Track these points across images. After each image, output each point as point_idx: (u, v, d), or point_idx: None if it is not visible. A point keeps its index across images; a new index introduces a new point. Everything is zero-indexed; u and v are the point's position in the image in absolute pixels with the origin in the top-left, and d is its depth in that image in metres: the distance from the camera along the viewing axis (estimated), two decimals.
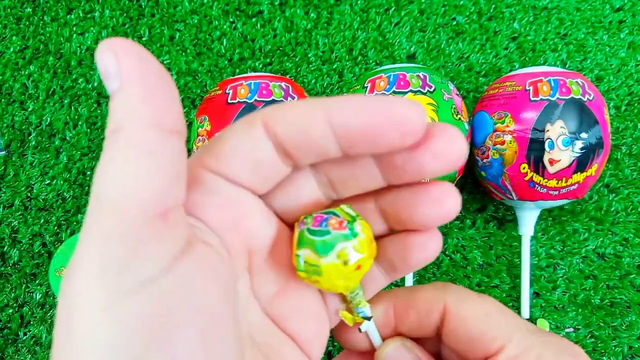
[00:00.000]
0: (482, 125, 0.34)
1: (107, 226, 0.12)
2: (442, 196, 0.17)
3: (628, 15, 0.43)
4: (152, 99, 0.13)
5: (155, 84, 0.13)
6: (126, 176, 0.12)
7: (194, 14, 0.43)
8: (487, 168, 0.34)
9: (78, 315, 0.12)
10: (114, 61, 0.13)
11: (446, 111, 0.32)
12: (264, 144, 0.16)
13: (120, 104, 0.13)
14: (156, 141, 0.13)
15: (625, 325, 0.37)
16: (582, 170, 0.32)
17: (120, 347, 0.12)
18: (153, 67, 0.13)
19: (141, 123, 0.13)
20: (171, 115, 0.13)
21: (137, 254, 0.12)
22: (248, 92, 0.32)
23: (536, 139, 0.32)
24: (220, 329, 0.14)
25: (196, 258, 0.14)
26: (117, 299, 0.12)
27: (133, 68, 0.13)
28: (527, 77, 0.33)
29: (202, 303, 0.14)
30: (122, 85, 0.13)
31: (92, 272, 0.12)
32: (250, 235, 0.17)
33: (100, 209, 0.13)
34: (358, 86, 0.34)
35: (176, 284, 0.13)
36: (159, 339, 0.12)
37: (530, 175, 0.32)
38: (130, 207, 0.12)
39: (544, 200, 0.33)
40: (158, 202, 0.13)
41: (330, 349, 0.38)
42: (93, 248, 0.12)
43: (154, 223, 0.13)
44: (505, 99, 0.33)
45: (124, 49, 0.13)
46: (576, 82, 0.32)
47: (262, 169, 0.16)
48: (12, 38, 0.42)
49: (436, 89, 0.32)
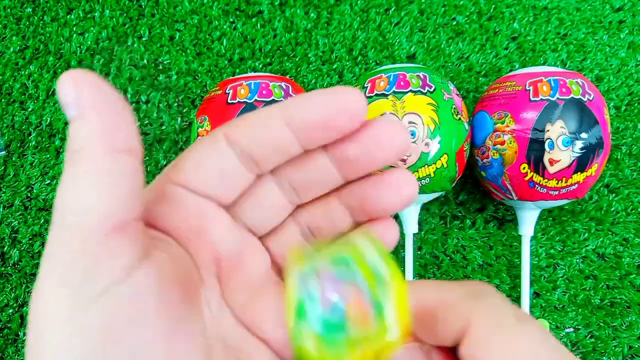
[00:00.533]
0: (482, 125, 0.34)
1: (69, 240, 0.14)
2: (398, 182, 0.19)
3: (628, 15, 0.43)
4: (106, 123, 0.14)
5: (110, 110, 0.14)
6: (84, 194, 0.14)
7: (194, 14, 0.43)
8: (487, 168, 0.34)
9: (47, 324, 0.13)
10: (73, 91, 0.14)
11: (446, 111, 0.32)
12: (227, 154, 0.17)
13: (78, 129, 0.14)
14: (111, 161, 0.14)
15: (625, 325, 0.37)
16: (582, 170, 0.32)
17: (85, 352, 0.13)
18: (108, 95, 0.14)
19: (97, 145, 0.14)
20: (124, 136, 0.15)
21: (96, 265, 0.14)
22: (248, 92, 0.32)
23: (536, 139, 0.32)
24: (180, 332, 0.15)
25: (154, 266, 0.15)
26: (81, 307, 0.13)
27: (90, 97, 0.14)
28: (527, 77, 0.33)
29: (161, 308, 0.15)
30: (80, 113, 0.14)
31: (57, 284, 0.13)
32: (216, 244, 0.18)
33: (62, 224, 0.14)
34: (358, 86, 0.34)
35: (134, 291, 0.14)
36: (120, 343, 0.14)
37: (530, 175, 0.32)
38: (89, 222, 0.14)
39: (544, 200, 0.33)
40: (115, 217, 0.14)
41: None
42: (57, 261, 0.14)
43: (112, 236, 0.14)
44: (505, 99, 0.33)
45: (83, 80, 0.14)
46: (576, 82, 0.32)
47: (227, 178, 0.18)
48: (12, 38, 0.42)
49: (436, 89, 0.32)
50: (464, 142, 0.33)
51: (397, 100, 0.31)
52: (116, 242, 0.14)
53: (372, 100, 0.32)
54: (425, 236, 0.39)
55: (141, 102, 0.41)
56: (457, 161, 0.33)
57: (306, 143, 0.18)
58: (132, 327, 0.14)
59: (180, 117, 0.41)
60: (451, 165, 0.33)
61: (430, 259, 0.39)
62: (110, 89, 0.15)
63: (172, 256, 0.16)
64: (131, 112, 0.15)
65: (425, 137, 0.31)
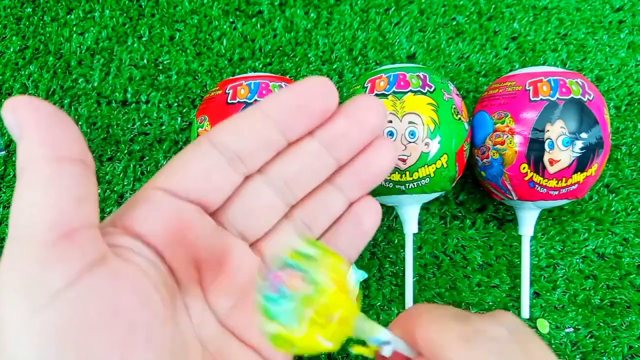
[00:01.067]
0: (482, 125, 0.34)
1: (18, 250, 0.14)
2: (381, 145, 0.21)
3: (628, 15, 0.43)
4: (45, 138, 0.15)
5: (49, 125, 0.15)
6: (32, 205, 0.15)
7: (194, 14, 0.43)
8: (487, 168, 0.34)
9: (5, 330, 0.14)
10: (12, 116, 0.15)
11: (446, 111, 0.32)
12: (211, 154, 0.18)
13: (23, 148, 0.15)
14: (53, 171, 0.15)
15: (625, 325, 0.37)
16: (582, 170, 0.32)
17: (41, 355, 0.14)
18: (47, 112, 0.15)
19: (38, 158, 0.15)
20: (67, 147, 0.15)
21: (45, 271, 0.14)
22: (248, 92, 0.32)
23: (536, 139, 0.32)
24: (140, 337, 0.15)
25: (109, 272, 0.15)
26: (33, 311, 0.14)
27: (28, 117, 0.15)
28: (527, 77, 0.33)
29: (117, 311, 0.15)
30: (21, 133, 0.15)
31: (11, 290, 0.14)
32: (196, 249, 0.18)
33: (12, 236, 0.15)
34: (358, 86, 0.34)
35: (85, 296, 0.15)
36: (74, 344, 0.14)
37: (530, 175, 0.32)
38: (37, 231, 0.14)
39: (544, 200, 0.33)
40: (62, 224, 0.15)
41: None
42: (11, 269, 0.14)
43: (59, 243, 0.15)
44: (505, 99, 0.33)
45: (20, 104, 0.15)
46: (576, 82, 0.32)
47: (212, 180, 0.18)
48: (12, 38, 0.42)
49: (436, 89, 0.32)
50: (464, 142, 0.33)
51: (397, 100, 0.31)
52: (63, 249, 0.15)
53: None
54: (425, 236, 0.39)
55: (141, 102, 0.41)
56: (457, 161, 0.33)
57: (288, 132, 0.18)
58: (86, 331, 0.14)
59: (180, 117, 0.41)
60: (451, 165, 0.33)
61: (430, 259, 0.39)
62: (50, 107, 0.15)
63: (136, 263, 0.17)
64: (74, 126, 0.16)
65: (425, 137, 0.31)
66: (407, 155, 0.31)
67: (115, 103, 0.41)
